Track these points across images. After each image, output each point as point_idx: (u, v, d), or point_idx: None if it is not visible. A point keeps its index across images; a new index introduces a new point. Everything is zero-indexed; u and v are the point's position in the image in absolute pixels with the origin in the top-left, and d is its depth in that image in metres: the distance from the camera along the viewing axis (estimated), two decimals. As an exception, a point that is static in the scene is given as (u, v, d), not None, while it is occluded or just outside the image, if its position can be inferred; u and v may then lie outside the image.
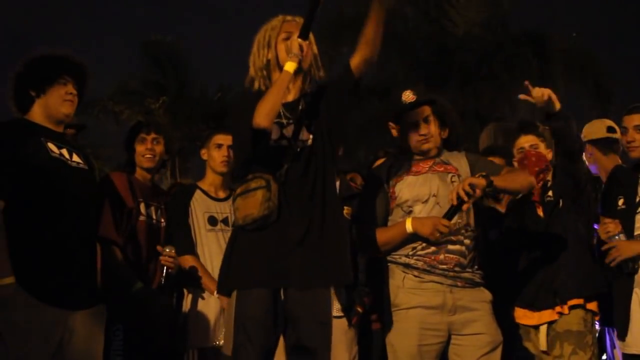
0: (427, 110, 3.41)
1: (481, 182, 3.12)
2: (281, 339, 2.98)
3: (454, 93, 14.02)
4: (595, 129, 4.50)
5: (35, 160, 3.12)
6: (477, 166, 3.38)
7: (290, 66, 2.94)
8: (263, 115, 2.86)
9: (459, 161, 3.43)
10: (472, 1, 14.50)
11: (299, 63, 2.95)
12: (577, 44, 14.61)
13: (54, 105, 3.25)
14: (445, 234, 3.16)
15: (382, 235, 3.31)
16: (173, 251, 3.70)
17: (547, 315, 3.73)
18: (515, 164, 4.01)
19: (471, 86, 13.64)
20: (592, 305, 3.74)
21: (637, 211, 3.68)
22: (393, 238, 3.29)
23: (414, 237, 3.25)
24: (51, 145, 3.19)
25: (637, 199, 3.69)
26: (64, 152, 3.24)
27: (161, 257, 3.68)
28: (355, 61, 3.07)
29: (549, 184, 3.93)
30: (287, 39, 3.03)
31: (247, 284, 2.90)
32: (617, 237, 3.62)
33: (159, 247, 3.72)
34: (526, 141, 3.97)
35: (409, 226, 3.23)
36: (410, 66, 14.72)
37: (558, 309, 3.70)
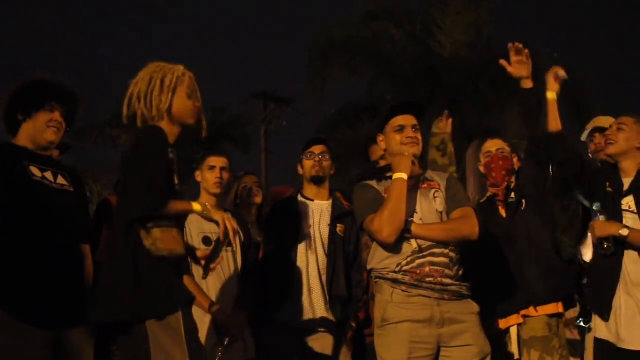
0: (415, 120, 3.47)
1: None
2: None
3: (441, 112, 14.10)
4: (605, 121, 4.40)
5: (16, 184, 3.15)
6: (449, 193, 3.44)
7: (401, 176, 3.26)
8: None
9: (442, 179, 3.50)
10: (458, 23, 14.63)
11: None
12: (559, 64, 14.76)
13: (38, 130, 3.30)
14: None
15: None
16: None
17: (514, 319, 3.82)
18: (482, 168, 4.11)
19: (459, 105, 13.76)
20: (557, 307, 3.81)
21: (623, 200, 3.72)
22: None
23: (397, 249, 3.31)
24: (34, 169, 3.23)
25: (623, 192, 3.74)
26: (48, 175, 3.27)
27: None
28: None
29: (513, 185, 4.03)
30: (190, 95, 3.11)
31: (187, 304, 3.02)
32: (597, 217, 3.68)
33: None
34: (493, 145, 4.06)
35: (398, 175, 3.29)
36: (398, 86, 14.81)
37: (523, 312, 3.79)
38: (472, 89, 14.36)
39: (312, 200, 4.23)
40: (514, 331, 3.83)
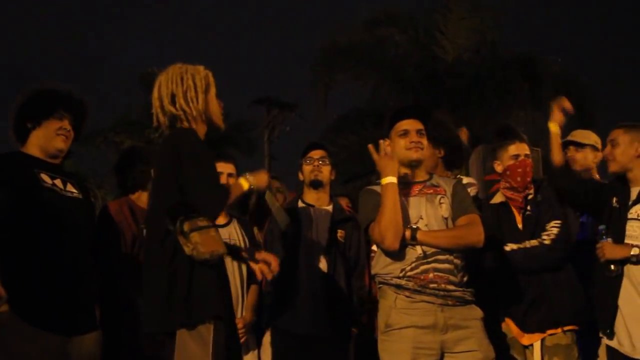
0: (420, 124, 3.46)
1: (405, 233, 3.26)
2: None
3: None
4: (581, 135, 4.52)
5: (27, 191, 3.18)
6: (455, 199, 3.43)
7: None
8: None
9: (449, 185, 3.49)
10: (461, 28, 14.67)
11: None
12: (563, 69, 14.79)
13: (47, 138, 3.33)
14: None
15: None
16: None
17: (538, 335, 3.81)
18: (499, 168, 4.05)
19: (462, 111, 13.76)
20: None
21: (628, 217, 3.71)
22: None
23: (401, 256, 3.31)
24: (44, 176, 3.26)
25: (630, 203, 3.73)
26: (58, 182, 3.30)
27: None
28: None
29: (530, 196, 4.00)
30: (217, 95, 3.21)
31: (223, 315, 2.96)
32: (603, 239, 3.67)
33: None
34: (522, 149, 4.00)
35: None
36: (401, 92, 14.84)
37: (549, 331, 3.79)
38: (476, 94, 14.37)
39: (312, 206, 4.22)
40: (537, 344, 3.83)
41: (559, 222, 3.87)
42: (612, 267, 3.63)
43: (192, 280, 2.88)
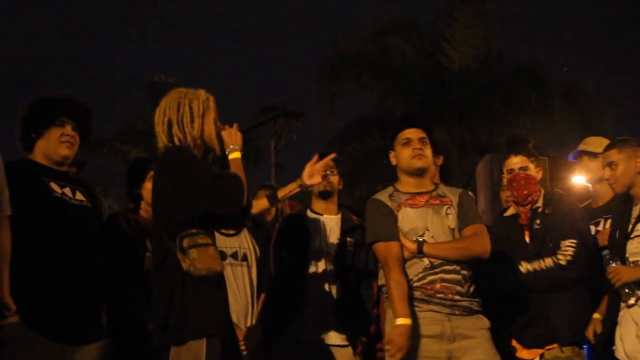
0: (422, 132, 3.47)
1: (411, 246, 3.27)
2: None
3: (451, 127, 14.15)
4: (593, 143, 4.42)
5: (37, 200, 3.17)
6: (461, 209, 3.42)
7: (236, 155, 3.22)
8: None
9: (455, 195, 3.48)
10: (467, 37, 14.67)
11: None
12: (570, 79, 14.80)
13: (51, 146, 3.32)
14: None
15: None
16: None
17: (535, 351, 3.82)
18: (505, 181, 4.08)
19: (468, 120, 13.77)
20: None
21: (631, 237, 3.68)
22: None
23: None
24: (54, 185, 3.25)
25: (630, 228, 3.70)
26: (67, 190, 3.30)
27: None
28: None
29: (539, 210, 3.98)
30: (216, 120, 3.22)
31: (218, 332, 2.99)
32: (611, 264, 3.63)
33: None
34: (515, 163, 3.99)
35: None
36: (408, 101, 14.86)
37: (549, 347, 3.79)
38: (482, 103, 14.37)
39: (321, 215, 4.23)
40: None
41: (574, 241, 3.84)
42: (628, 291, 3.57)
43: (188, 297, 2.91)
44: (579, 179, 4.49)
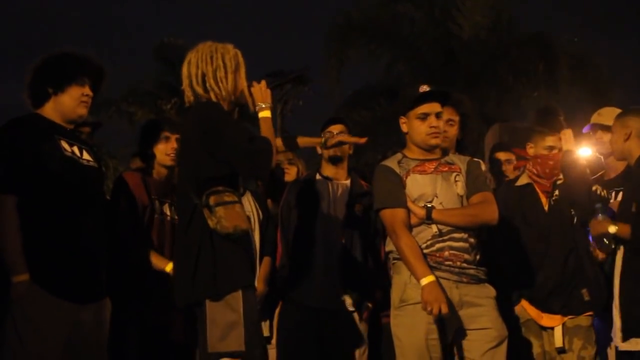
0: (439, 107, 3.43)
1: (420, 212, 3.27)
2: None
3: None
4: (607, 114, 4.37)
5: (49, 158, 3.14)
6: (469, 177, 3.42)
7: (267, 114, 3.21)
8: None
9: (463, 163, 3.47)
10: (478, 5, 14.51)
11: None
12: (579, 49, 14.67)
13: (69, 104, 3.26)
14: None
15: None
16: None
17: (559, 318, 3.85)
18: (531, 151, 4.05)
19: (477, 89, 13.67)
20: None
21: None
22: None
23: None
24: (64, 144, 3.22)
25: None
26: (75, 149, 3.27)
27: None
28: None
29: (559, 181, 4.02)
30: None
31: (251, 282, 3.06)
32: (599, 216, 3.71)
33: None
34: (558, 143, 4.00)
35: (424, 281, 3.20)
36: (416, 69, 14.77)
37: (570, 315, 3.84)
38: (490, 72, 14.27)
39: (331, 180, 4.20)
40: (559, 328, 3.87)
41: None
42: (605, 241, 3.68)
43: (217, 253, 2.94)
44: (585, 151, 4.45)
